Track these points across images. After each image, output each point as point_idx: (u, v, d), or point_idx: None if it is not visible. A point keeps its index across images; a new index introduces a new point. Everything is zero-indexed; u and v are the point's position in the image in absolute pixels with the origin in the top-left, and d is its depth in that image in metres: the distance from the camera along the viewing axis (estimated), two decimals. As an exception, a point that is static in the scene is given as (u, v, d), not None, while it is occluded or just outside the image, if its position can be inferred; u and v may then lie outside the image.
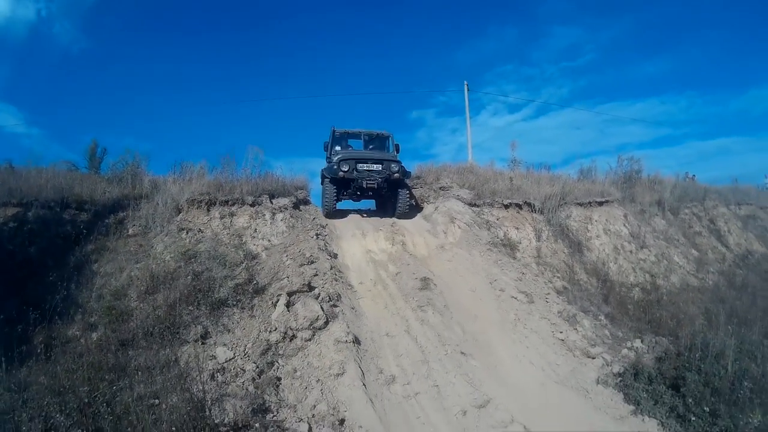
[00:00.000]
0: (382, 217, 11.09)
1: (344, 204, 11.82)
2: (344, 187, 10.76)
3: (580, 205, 11.67)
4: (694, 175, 18.47)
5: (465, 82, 18.16)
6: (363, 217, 11.22)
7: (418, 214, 11.38)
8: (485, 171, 12.92)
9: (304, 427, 5.17)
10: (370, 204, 12.77)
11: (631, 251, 11.09)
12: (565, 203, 11.42)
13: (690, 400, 5.89)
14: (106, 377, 5.44)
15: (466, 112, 18.18)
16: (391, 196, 11.00)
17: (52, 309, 6.50)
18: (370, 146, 12.16)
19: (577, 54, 62.05)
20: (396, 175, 10.48)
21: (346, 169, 10.25)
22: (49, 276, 7.09)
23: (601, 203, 12.03)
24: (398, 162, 10.76)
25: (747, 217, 16.64)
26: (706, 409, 5.73)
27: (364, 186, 10.41)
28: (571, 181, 13.17)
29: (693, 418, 5.68)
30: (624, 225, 11.84)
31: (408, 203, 11.01)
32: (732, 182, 19.07)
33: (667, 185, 14.85)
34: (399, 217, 10.84)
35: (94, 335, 6.44)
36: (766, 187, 21.59)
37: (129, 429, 4.56)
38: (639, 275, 10.47)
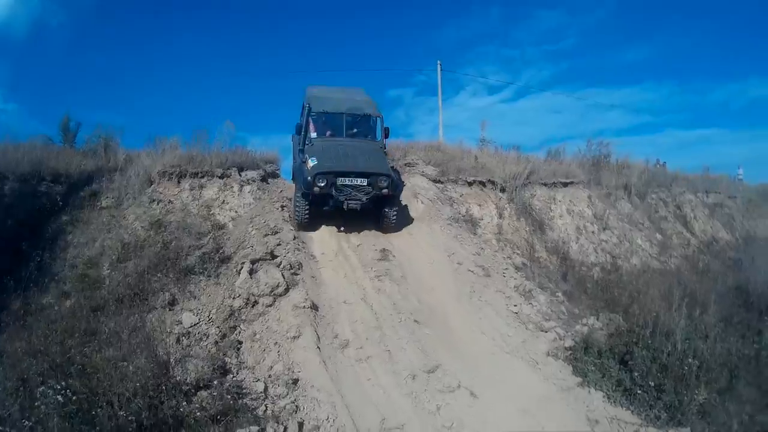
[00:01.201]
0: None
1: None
2: (320, 204, 8.71)
3: (545, 185, 11.95)
4: (664, 162, 18.62)
5: (438, 62, 18.41)
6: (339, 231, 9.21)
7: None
8: (453, 149, 12.99)
9: (261, 386, 5.58)
10: None
11: (593, 232, 11.46)
12: (530, 183, 11.69)
13: (636, 375, 6.17)
14: (78, 341, 5.79)
15: (438, 90, 18.44)
16: (376, 211, 9.02)
17: (28, 278, 6.82)
18: (354, 130, 9.87)
19: (558, 37, 61.58)
20: (385, 191, 8.59)
21: (322, 185, 8.27)
22: (24, 247, 7.39)
23: (566, 184, 12.32)
24: (389, 175, 8.73)
25: (714, 205, 16.87)
26: (652, 383, 6.01)
27: (345, 208, 8.41)
28: (538, 161, 13.35)
29: (639, 392, 5.98)
30: (588, 206, 12.17)
31: (394, 221, 9.18)
32: (703, 171, 19.18)
33: (635, 170, 15.04)
34: (384, 232, 9.20)
35: (68, 302, 6.78)
36: (738, 179, 21.83)
37: (98, 387, 4.89)
38: (600, 255, 10.85)
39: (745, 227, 16.79)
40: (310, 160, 8.67)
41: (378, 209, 8.95)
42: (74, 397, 4.55)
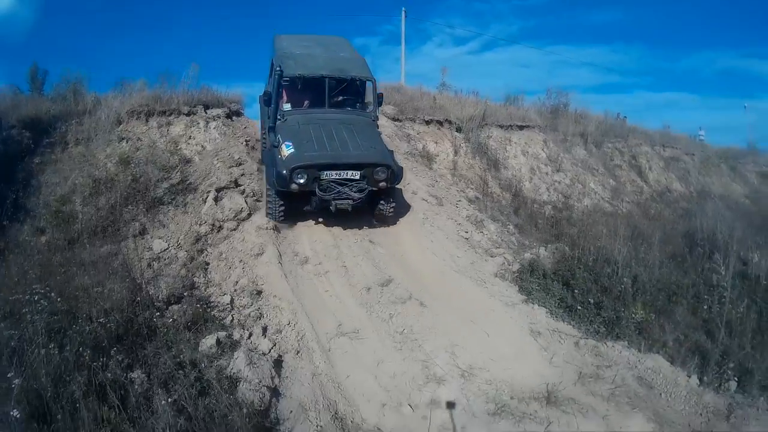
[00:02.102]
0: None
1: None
2: (300, 202, 7.27)
3: (501, 127, 12.40)
4: (625, 117, 19.07)
5: (403, 9, 18.78)
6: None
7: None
8: (412, 90, 13.21)
9: (227, 299, 5.98)
10: None
11: (546, 173, 11.95)
12: (486, 124, 12.12)
13: (577, 292, 6.53)
14: (56, 270, 6.09)
15: (401, 35, 18.83)
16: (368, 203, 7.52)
17: (3, 216, 7.07)
18: (339, 98, 8.04)
19: (530, -8, 60.54)
20: (383, 185, 7.13)
21: (302, 181, 6.76)
22: (-1, 189, 7.62)
23: (522, 127, 12.81)
24: (388, 165, 7.14)
25: (670, 159, 17.47)
26: (592, 301, 6.36)
27: (332, 210, 6.97)
28: (496, 106, 13.63)
29: (579, 308, 6.29)
30: (543, 149, 12.66)
31: (391, 214, 7.84)
32: (663, 128, 19.80)
33: (592, 120, 15.44)
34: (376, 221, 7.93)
35: (43, 238, 7.02)
36: (699, 139, 22.45)
37: (77, 306, 5.15)
38: (552, 195, 11.34)
39: (700, 182, 17.34)
40: (284, 146, 7.00)
41: (372, 202, 7.53)
42: (55, 317, 4.75)
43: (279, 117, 7.59)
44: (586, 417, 4.57)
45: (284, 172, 6.70)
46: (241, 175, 8.13)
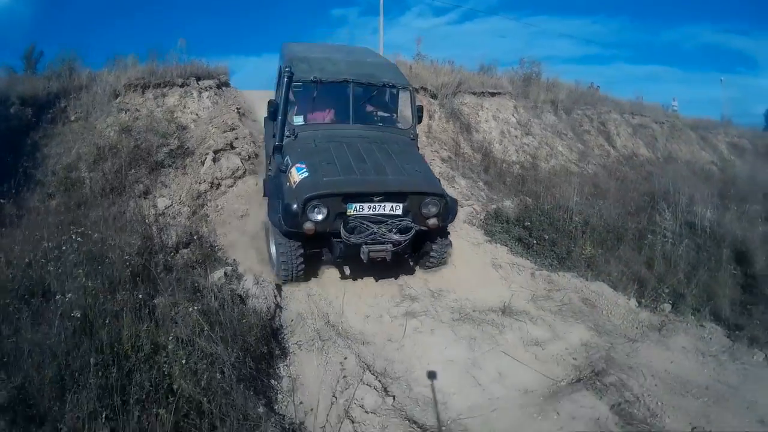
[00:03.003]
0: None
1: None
2: (318, 245, 5.61)
3: (474, 93, 12.94)
4: (598, 86, 19.36)
5: None
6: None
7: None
8: (391, 58, 13.64)
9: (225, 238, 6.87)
10: None
11: (516, 136, 12.63)
12: (460, 92, 12.68)
13: (534, 233, 7.52)
14: (69, 229, 6.78)
15: (380, 6, 18.90)
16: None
17: (17, 185, 7.69)
18: (366, 110, 6.74)
19: (511, -39, 60.41)
20: (432, 221, 5.31)
21: (320, 218, 5.03)
22: (6, 160, 8.20)
23: (494, 94, 13.34)
24: (441, 194, 5.42)
25: (639, 126, 18.00)
26: (546, 237, 7.38)
27: (365, 260, 5.15)
28: (470, 74, 14.10)
29: (535, 245, 7.30)
30: (513, 115, 13.28)
31: (444, 260, 6.40)
32: (636, 98, 20.24)
33: (563, 88, 15.92)
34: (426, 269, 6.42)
35: (53, 202, 7.63)
36: (672, 109, 22.86)
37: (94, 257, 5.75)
38: (521, 156, 12.07)
39: (667, 148, 17.94)
40: (294, 170, 5.22)
41: (416, 246, 5.83)
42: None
43: (287, 134, 5.85)
44: (535, 324, 5.51)
45: (294, 205, 4.85)
46: (235, 138, 8.79)
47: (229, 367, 3.70)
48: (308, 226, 4.95)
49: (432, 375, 4.60)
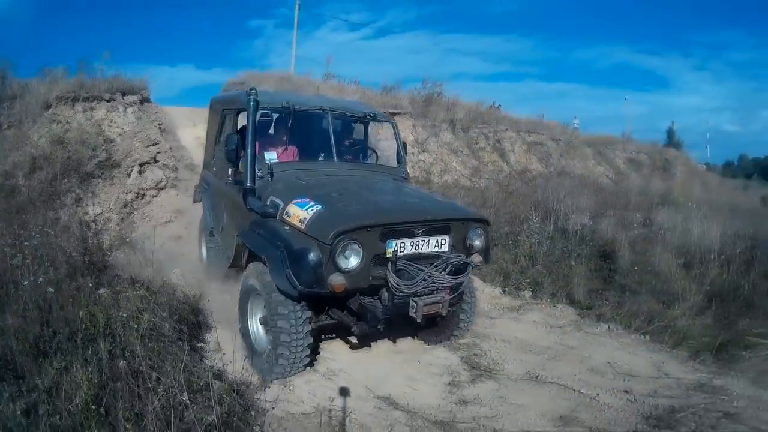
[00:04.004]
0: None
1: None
2: (336, 307, 4.31)
3: None
4: (499, 105, 20.68)
5: None
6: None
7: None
8: (299, 80, 14.87)
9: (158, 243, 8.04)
10: None
11: (413, 153, 13.79)
12: None
13: None
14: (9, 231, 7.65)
15: (294, 24, 20.44)
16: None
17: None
18: (346, 146, 5.82)
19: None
20: (478, 259, 4.33)
21: (355, 264, 3.74)
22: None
23: (394, 114, 14.35)
24: (485, 220, 4.68)
25: (534, 143, 19.11)
26: None
27: (418, 318, 3.87)
28: (375, 94, 15.31)
29: None
30: (411, 133, 14.57)
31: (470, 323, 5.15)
32: (537, 117, 21.65)
33: (462, 107, 17.17)
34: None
35: (-6, 207, 8.48)
36: (573, 127, 24.56)
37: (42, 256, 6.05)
38: (416, 171, 13.12)
39: (561, 164, 19.12)
40: (296, 207, 4.02)
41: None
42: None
43: (260, 174, 4.60)
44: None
45: (311, 253, 3.61)
46: (158, 153, 9.98)
47: (170, 330, 4.40)
48: (337, 280, 3.56)
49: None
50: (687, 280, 6.52)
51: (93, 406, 3.14)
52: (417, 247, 4.01)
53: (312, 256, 3.63)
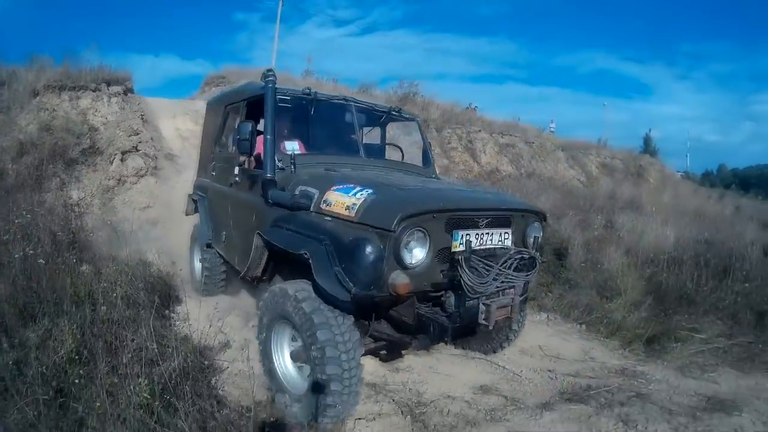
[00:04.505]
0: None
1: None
2: (400, 325, 3.62)
3: None
4: (475, 107, 20.80)
5: None
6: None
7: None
8: (279, 76, 15.33)
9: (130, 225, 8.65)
10: None
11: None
12: None
13: None
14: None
15: (277, 19, 20.17)
16: None
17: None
18: (372, 141, 5.78)
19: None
20: (538, 255, 3.70)
21: (422, 257, 3.17)
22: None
23: None
24: (543, 213, 4.18)
25: (506, 145, 19.26)
26: None
27: (490, 322, 3.27)
28: (349, 91, 15.24)
29: None
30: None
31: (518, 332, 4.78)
32: (513, 119, 21.67)
33: (437, 108, 17.45)
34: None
35: (-19, 190, 8.89)
36: (550, 131, 24.93)
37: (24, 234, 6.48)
38: None
39: (532, 166, 19.24)
40: (337, 194, 3.41)
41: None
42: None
43: (281, 165, 4.08)
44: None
45: (369, 246, 2.98)
46: (140, 142, 10.60)
47: (144, 300, 4.77)
48: (401, 279, 2.95)
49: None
50: (630, 276, 6.79)
51: (76, 356, 3.75)
52: (481, 241, 3.47)
53: (370, 248, 2.97)
